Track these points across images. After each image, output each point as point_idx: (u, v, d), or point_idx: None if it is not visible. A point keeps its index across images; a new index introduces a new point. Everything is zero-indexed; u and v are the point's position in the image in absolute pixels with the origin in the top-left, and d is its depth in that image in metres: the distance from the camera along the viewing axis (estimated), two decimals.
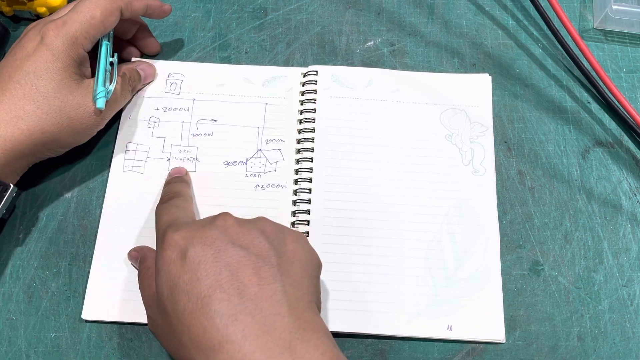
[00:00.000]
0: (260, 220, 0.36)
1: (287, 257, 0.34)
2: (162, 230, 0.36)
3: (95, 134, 0.44)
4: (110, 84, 0.43)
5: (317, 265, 0.37)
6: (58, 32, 0.41)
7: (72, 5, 0.43)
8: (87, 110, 0.42)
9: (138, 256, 0.41)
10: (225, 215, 0.36)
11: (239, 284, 0.32)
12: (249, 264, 0.33)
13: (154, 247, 0.40)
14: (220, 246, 0.33)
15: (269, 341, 0.31)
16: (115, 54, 0.45)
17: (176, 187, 0.43)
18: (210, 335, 0.31)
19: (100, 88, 0.42)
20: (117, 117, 0.47)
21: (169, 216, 0.38)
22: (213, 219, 0.35)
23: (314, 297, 0.35)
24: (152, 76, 0.48)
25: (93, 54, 0.44)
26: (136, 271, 0.42)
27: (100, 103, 0.41)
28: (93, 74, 0.44)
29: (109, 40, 0.45)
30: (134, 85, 0.47)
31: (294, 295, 0.33)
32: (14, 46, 0.42)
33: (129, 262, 0.43)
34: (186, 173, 0.46)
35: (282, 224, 0.37)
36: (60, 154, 0.44)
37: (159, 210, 0.40)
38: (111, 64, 0.44)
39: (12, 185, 0.41)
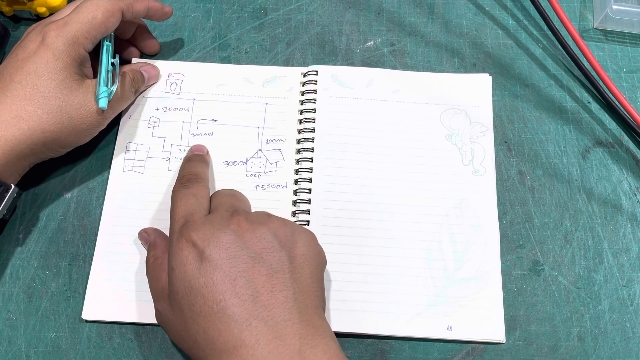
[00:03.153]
0: (272, 221, 0.37)
1: (298, 263, 0.35)
2: (179, 226, 0.36)
3: (96, 134, 0.44)
4: (113, 84, 0.43)
5: (324, 265, 0.38)
6: (59, 33, 0.41)
7: (73, 6, 0.43)
8: (89, 110, 0.42)
9: (148, 239, 0.41)
10: (239, 217, 0.36)
11: (253, 290, 0.33)
12: (263, 270, 0.34)
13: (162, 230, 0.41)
14: (235, 252, 0.34)
15: (280, 346, 0.32)
16: (117, 55, 0.45)
17: (196, 168, 0.42)
18: (226, 338, 0.32)
19: (102, 88, 0.42)
20: (117, 118, 0.47)
21: (186, 207, 0.38)
22: (228, 222, 0.36)
23: (321, 300, 0.36)
24: (155, 78, 0.48)
25: (95, 55, 0.44)
26: (136, 271, 0.42)
27: (103, 103, 0.42)
28: (94, 74, 0.44)
29: (110, 41, 0.45)
30: (137, 87, 0.46)
31: (304, 302, 0.34)
32: (15, 47, 0.42)
33: (129, 262, 0.43)
34: (207, 153, 0.45)
35: (291, 221, 0.38)
36: (61, 154, 0.44)
37: (177, 194, 0.39)
38: (112, 64, 0.44)
39: (13, 186, 0.41)
